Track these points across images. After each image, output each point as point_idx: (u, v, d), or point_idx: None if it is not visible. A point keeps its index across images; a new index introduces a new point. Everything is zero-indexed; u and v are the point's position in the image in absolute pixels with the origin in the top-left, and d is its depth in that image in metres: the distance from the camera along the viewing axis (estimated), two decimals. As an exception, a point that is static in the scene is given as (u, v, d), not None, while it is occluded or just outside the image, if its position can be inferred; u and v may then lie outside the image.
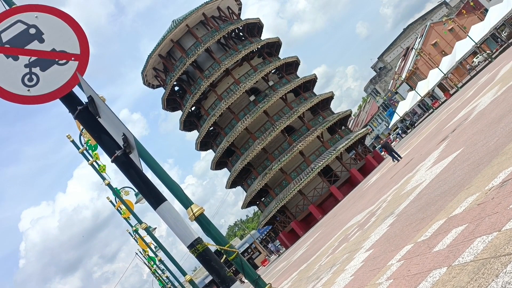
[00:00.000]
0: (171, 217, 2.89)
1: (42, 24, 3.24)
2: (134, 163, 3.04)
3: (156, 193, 2.94)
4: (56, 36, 3.21)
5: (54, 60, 3.17)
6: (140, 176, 2.98)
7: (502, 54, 49.11)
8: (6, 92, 3.08)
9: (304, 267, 18.78)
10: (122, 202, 13.57)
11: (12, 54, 3.15)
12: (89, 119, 3.17)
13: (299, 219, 53.39)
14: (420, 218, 8.84)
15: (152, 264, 31.65)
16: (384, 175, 29.57)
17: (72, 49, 3.22)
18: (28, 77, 3.13)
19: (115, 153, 3.05)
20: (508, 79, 19.17)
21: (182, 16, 57.72)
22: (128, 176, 3.03)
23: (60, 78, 3.11)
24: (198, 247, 2.87)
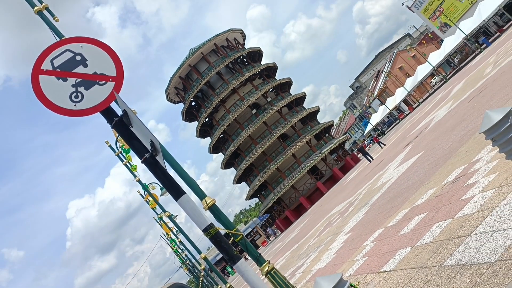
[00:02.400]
0: (189, 207, 2.88)
1: (86, 52, 3.25)
2: (159, 164, 3.04)
3: (177, 187, 2.94)
4: (97, 62, 3.22)
5: (96, 81, 3.18)
6: (164, 174, 2.98)
7: (455, 75, 49.13)
8: (57, 107, 3.08)
9: (296, 247, 18.72)
10: (149, 194, 13.53)
11: (62, 77, 3.16)
12: (123, 128, 3.17)
13: (291, 209, 53.27)
14: (389, 208, 8.83)
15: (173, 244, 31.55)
16: (360, 173, 29.53)
17: (110, 72, 3.22)
18: (74, 94, 3.14)
19: (144, 155, 3.05)
20: (460, 96, 19.17)
21: (198, 45, 57.87)
22: (155, 174, 3.02)
23: (100, 95, 3.11)
24: (211, 231, 2.86)
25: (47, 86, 3.11)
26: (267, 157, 53.48)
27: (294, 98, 57.24)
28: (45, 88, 3.09)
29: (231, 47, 59.32)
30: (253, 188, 56.17)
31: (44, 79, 3.13)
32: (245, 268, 2.80)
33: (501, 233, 3.87)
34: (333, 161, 55.45)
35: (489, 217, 4.37)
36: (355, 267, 6.62)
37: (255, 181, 55.04)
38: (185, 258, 33.78)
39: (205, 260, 12.70)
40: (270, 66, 59.61)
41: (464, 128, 10.09)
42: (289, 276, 11.22)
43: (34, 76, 3.13)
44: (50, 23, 5.78)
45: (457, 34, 47.98)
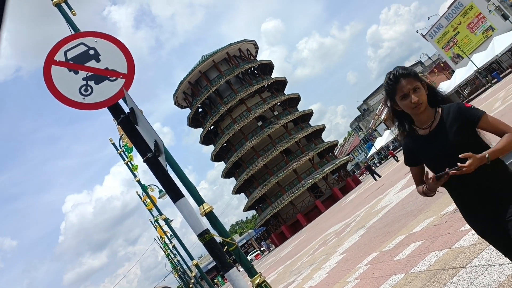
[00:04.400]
0: (186, 210, 2.87)
1: (100, 47, 3.27)
2: (161, 165, 3.04)
3: (177, 190, 2.94)
4: (109, 58, 3.24)
5: (106, 77, 3.20)
6: (165, 175, 2.98)
7: (463, 107, 48.80)
8: (66, 98, 3.10)
9: (289, 263, 18.61)
10: (148, 196, 13.51)
11: (74, 69, 3.18)
12: (129, 126, 3.18)
13: (288, 224, 53.01)
14: (385, 232, 8.78)
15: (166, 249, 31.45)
16: (360, 195, 29.42)
17: (121, 69, 3.24)
18: (84, 88, 3.15)
19: (147, 155, 3.05)
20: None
21: (210, 53, 58.17)
22: (156, 174, 3.02)
23: (109, 91, 3.13)
24: (206, 236, 2.85)
25: (58, 76, 3.13)
26: (269, 170, 53.40)
27: (301, 115, 57.31)
28: (56, 79, 3.11)
29: (243, 57, 59.60)
30: (251, 200, 55.99)
31: (56, 69, 3.15)
32: (237, 277, 2.79)
33: (497, 268, 3.84)
34: (334, 181, 55.29)
35: (486, 250, 4.34)
36: (350, 285, 6.57)
37: (254, 193, 54.89)
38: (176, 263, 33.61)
39: (197, 267, 12.63)
40: (280, 80, 59.81)
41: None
42: (279, 291, 11.14)
43: (47, 66, 3.15)
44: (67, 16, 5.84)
45: (469, 66, 48.09)
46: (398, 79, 2.37)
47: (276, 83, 59.25)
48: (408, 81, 2.35)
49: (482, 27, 56.84)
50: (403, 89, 2.35)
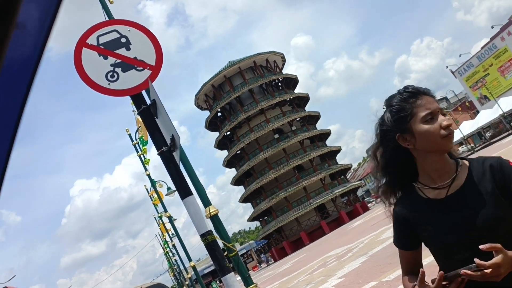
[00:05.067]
0: (193, 209, 2.88)
1: (132, 36, 3.32)
2: (174, 160, 3.06)
3: (186, 186, 2.95)
4: (140, 48, 3.28)
5: (134, 66, 3.24)
6: (177, 170, 3.00)
7: (484, 149, 48.47)
8: (92, 81, 3.14)
9: (285, 279, 18.46)
10: (155, 191, 13.57)
11: (104, 54, 3.23)
12: (149, 117, 3.21)
13: (290, 241, 52.69)
14: (387, 263, 8.67)
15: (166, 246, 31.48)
16: (366, 222, 29.12)
17: (150, 60, 3.28)
18: (111, 74, 3.19)
19: (162, 148, 3.07)
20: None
21: (237, 59, 58.54)
22: (168, 168, 3.04)
23: (135, 80, 3.16)
24: (209, 237, 2.84)
25: (87, 59, 3.18)
26: (279, 184, 53.25)
27: (319, 133, 57.17)
28: (85, 61, 3.16)
29: (269, 68, 59.82)
30: (257, 211, 55.83)
31: (86, 52, 3.20)
32: (233, 282, 2.77)
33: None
34: (342, 204, 54.86)
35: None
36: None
37: (261, 205, 54.74)
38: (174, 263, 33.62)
39: (194, 269, 12.59)
40: (303, 96, 59.85)
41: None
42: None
43: (78, 48, 3.20)
44: (104, 3, 5.95)
45: (494, 109, 47.58)
46: (419, 94, 1.58)
47: (298, 98, 59.29)
48: (434, 100, 1.61)
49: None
50: (429, 106, 1.55)
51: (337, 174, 56.55)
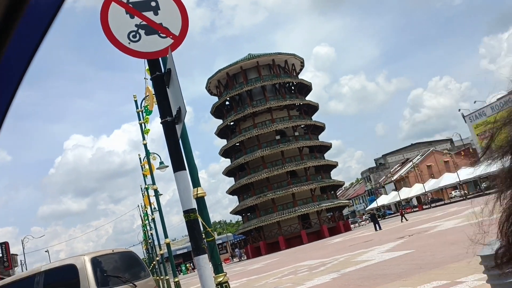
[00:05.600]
0: (183, 184, 2.87)
1: (163, 2, 3.30)
2: (176, 132, 3.05)
3: (181, 160, 2.94)
4: (167, 15, 3.27)
5: (158, 32, 3.22)
6: (176, 142, 2.99)
7: (476, 198, 48.40)
8: (114, 37, 3.13)
9: (254, 277, 18.50)
10: (148, 162, 13.55)
11: (131, 13, 3.21)
12: (160, 85, 3.20)
13: (267, 242, 52.78)
14: (357, 285, 8.68)
15: (145, 219, 31.52)
16: (345, 241, 29.15)
17: (174, 30, 3.26)
18: (133, 34, 3.18)
19: (166, 118, 3.06)
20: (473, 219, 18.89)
21: (257, 54, 58.53)
22: (168, 139, 3.03)
23: (156, 45, 3.15)
24: (192, 215, 2.83)
25: (114, 14, 3.16)
26: (269, 184, 53.28)
27: (319, 144, 57.21)
28: (111, 16, 3.14)
29: (286, 70, 59.79)
30: (242, 206, 55.92)
31: (114, 7, 3.18)
32: (205, 264, 2.77)
33: None
34: (326, 219, 54.91)
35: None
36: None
37: (247, 200, 54.80)
38: (149, 236, 33.64)
39: (168, 246, 12.61)
40: (313, 105, 59.83)
41: (464, 248, 9.89)
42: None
43: (107, 1, 3.18)
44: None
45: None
46: None
47: (308, 106, 59.28)
48: None
49: (523, 130, 56.15)
50: None
51: (328, 188, 56.61)
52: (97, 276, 6.60)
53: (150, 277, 7.81)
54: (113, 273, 6.99)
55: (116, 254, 7.43)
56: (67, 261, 7.00)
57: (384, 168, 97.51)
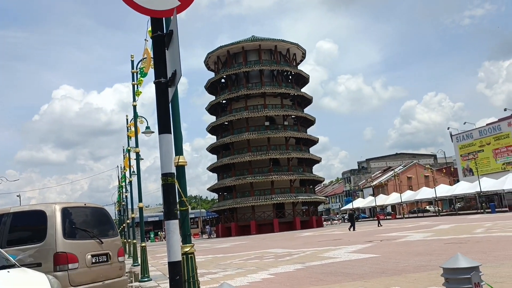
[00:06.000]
0: (166, 147, 2.85)
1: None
2: (167, 94, 3.02)
3: (168, 123, 2.91)
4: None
5: (166, -9, 3.15)
6: (166, 105, 2.96)
7: (448, 216, 49.40)
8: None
9: (220, 256, 18.64)
10: (135, 124, 13.43)
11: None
12: (160, 45, 3.15)
13: (239, 224, 53.13)
14: (319, 278, 8.79)
15: (123, 181, 31.45)
16: (315, 236, 29.47)
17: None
18: (141, -11, 3.11)
19: (160, 79, 3.03)
20: (441, 234, 19.29)
21: (260, 37, 58.29)
22: (158, 100, 3.00)
23: (162, 4, 3.09)
24: (169, 179, 2.82)
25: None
26: (250, 168, 53.45)
27: (307, 138, 57.44)
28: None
29: (287, 58, 59.62)
30: (220, 184, 56.09)
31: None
32: (175, 230, 2.77)
33: None
34: (300, 211, 55.37)
35: None
36: (257, 304, 6.57)
37: (226, 180, 54.97)
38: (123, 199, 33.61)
39: (140, 210, 12.61)
40: (307, 98, 59.86)
41: (428, 260, 10.09)
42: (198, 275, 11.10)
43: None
44: None
45: (474, 185, 48.31)
46: None
47: (302, 97, 59.29)
48: None
49: (506, 158, 57.07)
50: None
51: (308, 182, 57.02)
52: (65, 226, 6.58)
53: (117, 237, 7.81)
54: (82, 227, 6.97)
55: (88, 209, 7.41)
56: (38, 207, 6.96)
57: (365, 172, 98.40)
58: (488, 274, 6.90)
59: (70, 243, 6.53)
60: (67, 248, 6.45)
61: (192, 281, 4.69)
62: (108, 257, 7.21)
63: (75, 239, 6.69)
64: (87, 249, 6.78)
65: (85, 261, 6.69)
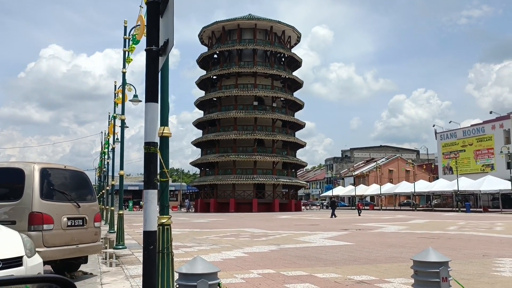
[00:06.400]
0: (151, 115, 2.81)
1: None
2: (157, 63, 2.97)
3: (156, 92, 2.87)
4: None
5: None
6: (155, 74, 2.91)
7: (424, 212, 50.23)
8: None
9: (196, 231, 18.74)
10: (123, 91, 13.25)
11: None
12: (154, 12, 3.08)
13: (218, 201, 53.33)
14: (292, 261, 8.91)
15: (106, 147, 31.21)
16: (293, 220, 29.77)
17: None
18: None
19: (152, 46, 2.97)
20: (415, 228, 19.64)
21: (257, 17, 57.72)
22: (148, 68, 2.94)
23: (160, -30, 3.02)
24: (152, 148, 2.79)
25: None
26: (235, 146, 53.48)
27: (294, 121, 57.50)
28: None
29: (281, 40, 59.26)
30: (203, 160, 56.09)
31: None
32: (153, 199, 2.75)
33: None
34: (280, 194, 55.75)
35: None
36: (229, 281, 6.64)
37: (209, 156, 54.96)
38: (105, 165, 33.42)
39: (120, 178, 12.54)
40: (298, 81, 59.73)
41: (400, 252, 10.28)
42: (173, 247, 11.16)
43: None
44: None
45: (452, 183, 49.11)
46: None
47: (292, 81, 59.16)
48: None
49: (486, 160, 58.02)
50: None
51: (290, 165, 57.30)
52: (42, 187, 6.52)
53: (95, 202, 7.78)
54: (60, 189, 6.92)
55: (67, 171, 7.35)
56: (16, 165, 6.88)
57: (348, 161, 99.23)
58: (456, 270, 7.07)
59: (46, 204, 6.49)
60: (43, 209, 6.42)
61: (166, 252, 4.71)
62: (84, 222, 7.20)
63: (52, 200, 6.65)
64: (63, 211, 6.75)
65: (60, 223, 6.67)
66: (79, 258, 7.60)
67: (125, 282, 6.89)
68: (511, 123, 55.25)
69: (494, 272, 7.27)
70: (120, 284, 6.75)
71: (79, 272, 7.87)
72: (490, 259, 8.93)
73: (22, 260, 4.39)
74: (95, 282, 7.15)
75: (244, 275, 7.17)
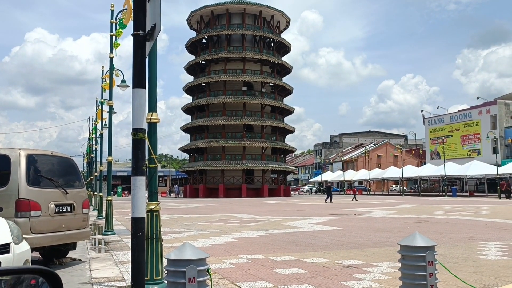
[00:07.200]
0: (139, 101, 2.79)
1: None
2: (145, 48, 2.93)
3: (143, 78, 2.85)
4: None
5: None
6: (142, 59, 2.88)
7: (411, 196, 50.82)
8: None
9: (185, 216, 18.77)
10: (110, 76, 13.09)
11: None
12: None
13: (207, 187, 53.40)
14: (281, 247, 8.97)
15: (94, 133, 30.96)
16: (282, 205, 29.94)
17: None
18: None
19: (139, 31, 2.93)
20: (403, 212, 19.87)
21: (246, 1, 57.06)
22: (135, 53, 2.91)
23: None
24: (140, 134, 2.78)
25: None
26: (224, 131, 53.41)
27: (283, 107, 57.47)
28: None
29: (271, 25, 58.88)
30: (191, 145, 55.96)
31: None
32: (141, 186, 2.74)
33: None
34: (270, 179, 55.95)
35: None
36: (218, 266, 6.68)
37: (198, 142, 54.84)
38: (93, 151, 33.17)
39: (109, 164, 12.47)
40: (287, 67, 59.57)
41: (387, 236, 10.41)
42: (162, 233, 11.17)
43: None
44: None
45: (439, 168, 49.63)
46: None
47: (281, 66, 58.99)
48: None
49: (473, 146, 58.65)
50: None
51: (279, 151, 57.41)
52: (29, 173, 6.46)
53: (83, 188, 7.74)
54: (47, 175, 6.86)
55: (55, 157, 7.28)
56: (2, 151, 6.79)
57: (337, 147, 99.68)
58: (442, 254, 7.18)
59: (33, 191, 6.44)
60: (30, 195, 6.37)
61: (155, 238, 4.71)
62: (72, 208, 7.16)
63: (39, 187, 6.60)
64: (51, 198, 6.70)
65: (48, 209, 6.63)
66: (67, 245, 7.58)
67: (114, 268, 6.90)
68: (498, 108, 55.81)
69: (479, 256, 7.40)
70: (109, 270, 6.75)
71: (67, 258, 7.87)
72: (475, 243, 9.08)
73: (9, 247, 4.37)
74: (84, 268, 7.15)
75: (233, 261, 7.22)
